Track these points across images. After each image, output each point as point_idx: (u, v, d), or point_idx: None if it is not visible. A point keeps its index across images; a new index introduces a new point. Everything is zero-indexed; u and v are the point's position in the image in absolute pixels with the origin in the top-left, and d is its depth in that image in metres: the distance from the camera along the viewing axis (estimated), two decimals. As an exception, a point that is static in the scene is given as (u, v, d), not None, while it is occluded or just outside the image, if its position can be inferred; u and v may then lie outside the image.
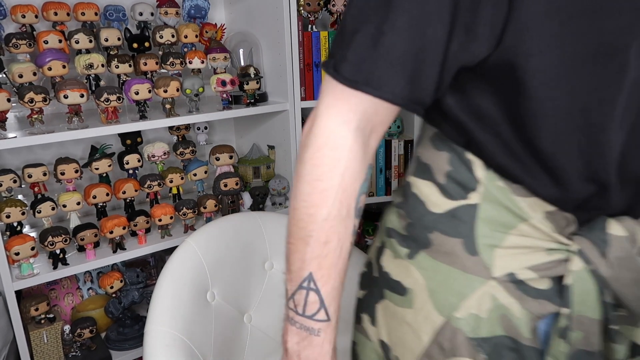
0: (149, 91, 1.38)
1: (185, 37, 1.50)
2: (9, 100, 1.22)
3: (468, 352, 0.58)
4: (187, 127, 1.63)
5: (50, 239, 1.31)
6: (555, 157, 0.54)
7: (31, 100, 1.23)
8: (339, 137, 0.55)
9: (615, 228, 0.55)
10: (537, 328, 0.58)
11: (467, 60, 0.53)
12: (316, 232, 0.56)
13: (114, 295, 1.51)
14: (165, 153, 1.53)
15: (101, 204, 1.46)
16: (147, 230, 1.49)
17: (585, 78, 0.51)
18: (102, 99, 1.30)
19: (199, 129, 1.68)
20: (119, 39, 1.40)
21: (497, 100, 0.55)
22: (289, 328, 0.60)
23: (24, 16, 1.32)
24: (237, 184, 1.58)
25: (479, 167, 0.58)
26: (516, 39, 0.50)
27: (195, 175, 1.59)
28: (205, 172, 1.61)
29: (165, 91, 1.39)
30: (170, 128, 1.62)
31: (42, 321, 1.39)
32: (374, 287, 0.65)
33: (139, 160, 1.50)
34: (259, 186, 1.66)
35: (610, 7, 0.48)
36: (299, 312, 0.58)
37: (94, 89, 1.38)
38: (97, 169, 1.43)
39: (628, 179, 0.54)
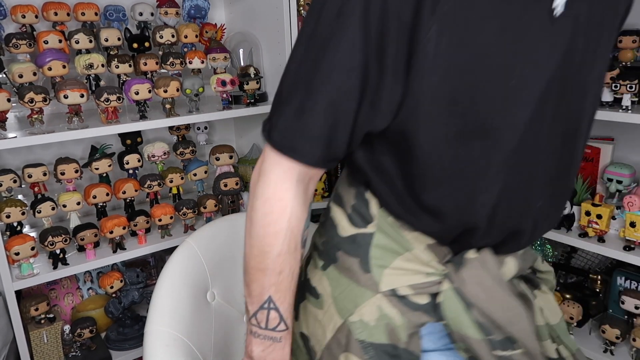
0: (149, 91, 1.38)
1: (185, 37, 1.50)
2: (9, 100, 1.22)
3: (357, 351, 0.71)
4: (187, 127, 1.63)
5: (50, 239, 1.31)
6: (437, 208, 0.67)
7: (31, 100, 1.23)
8: (283, 189, 0.66)
9: (470, 254, 0.70)
10: (419, 333, 0.72)
11: (372, 128, 0.65)
12: (271, 265, 0.68)
13: (114, 295, 1.51)
14: (165, 153, 1.53)
15: (101, 204, 1.46)
16: (147, 230, 1.49)
17: (465, 150, 0.63)
18: (102, 99, 1.30)
19: (199, 129, 1.68)
20: (119, 39, 1.40)
21: (394, 159, 0.68)
22: (253, 340, 0.72)
23: (24, 16, 1.32)
24: (237, 183, 1.59)
25: (374, 205, 0.72)
26: (409, 115, 0.62)
27: (195, 175, 1.59)
28: (205, 172, 1.61)
29: (165, 91, 1.39)
30: (170, 128, 1.62)
31: (42, 321, 1.39)
32: (300, 290, 0.78)
33: (139, 160, 1.50)
34: (259, 186, 1.66)
35: (484, 96, 0.60)
36: (262, 326, 0.71)
37: (94, 89, 1.38)
38: (97, 169, 1.43)
39: (495, 225, 0.68)
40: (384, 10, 0.57)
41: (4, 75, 1.32)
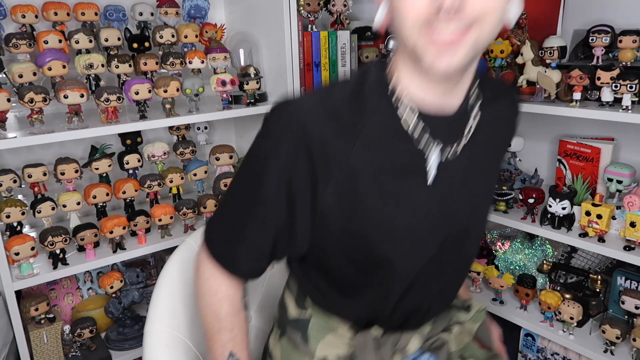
0: (149, 91, 1.38)
1: (185, 37, 1.50)
2: (9, 100, 1.22)
3: None
4: (187, 127, 1.63)
5: (50, 238, 1.31)
6: (353, 302, 0.89)
7: (31, 100, 1.23)
8: (218, 282, 0.88)
9: (374, 331, 0.91)
10: None
11: (294, 252, 0.87)
12: (224, 324, 0.88)
13: (114, 295, 1.51)
14: (165, 153, 1.53)
15: (101, 204, 1.46)
16: (147, 230, 1.49)
17: (368, 273, 0.85)
18: (102, 99, 1.30)
19: (199, 128, 1.68)
20: (119, 39, 1.40)
21: (318, 273, 0.89)
22: None
23: (24, 16, 1.32)
24: (237, 184, 1.58)
25: (309, 298, 0.94)
26: (320, 249, 0.84)
27: (195, 175, 1.59)
28: (205, 172, 1.61)
29: (165, 91, 1.39)
30: (170, 128, 1.62)
31: (42, 321, 1.39)
32: (266, 350, 1.02)
33: (139, 160, 1.50)
34: (259, 186, 1.66)
35: (375, 235, 0.79)
36: None
37: (94, 89, 1.38)
38: (97, 168, 1.43)
39: (398, 312, 0.88)
40: (290, 182, 0.76)
41: (4, 75, 1.32)
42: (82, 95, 1.27)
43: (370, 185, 0.76)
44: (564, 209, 1.38)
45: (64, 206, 1.36)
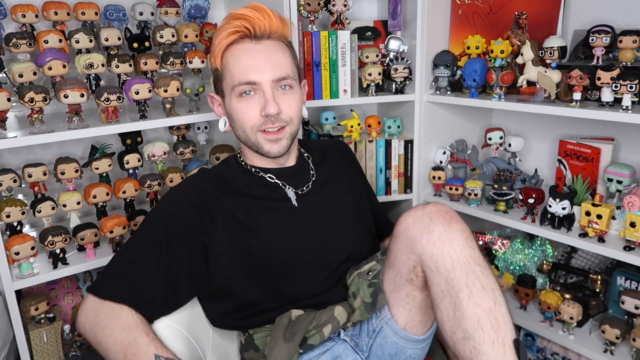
0: (149, 91, 1.38)
1: (186, 36, 1.50)
2: (9, 99, 1.22)
3: None
4: (187, 126, 1.63)
5: (50, 238, 1.31)
6: (259, 305, 1.13)
7: (31, 100, 1.23)
8: (116, 309, 1.02)
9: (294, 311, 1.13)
10: None
11: (199, 283, 1.11)
12: (136, 334, 0.98)
13: (114, 294, 1.51)
14: (165, 153, 1.53)
15: (101, 204, 1.46)
16: (147, 230, 1.49)
17: (265, 282, 1.14)
18: (102, 99, 1.30)
19: (199, 128, 1.68)
20: (119, 38, 1.40)
21: (228, 295, 1.13)
22: None
23: (24, 16, 1.32)
24: (237, 183, 1.58)
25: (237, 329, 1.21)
26: (223, 269, 1.10)
27: (195, 175, 1.59)
28: (205, 172, 1.61)
29: (166, 91, 1.39)
30: (171, 128, 1.62)
31: (42, 321, 1.39)
32: None
33: (139, 160, 1.50)
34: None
35: (256, 252, 1.12)
36: None
37: (94, 88, 1.38)
38: (97, 168, 1.43)
39: (300, 297, 1.14)
40: (181, 232, 1.08)
41: (4, 75, 1.32)
42: (82, 95, 1.27)
43: (247, 217, 1.12)
44: (564, 209, 1.38)
45: (64, 206, 1.36)
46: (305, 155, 1.26)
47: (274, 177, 1.17)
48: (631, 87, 1.21)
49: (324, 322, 1.12)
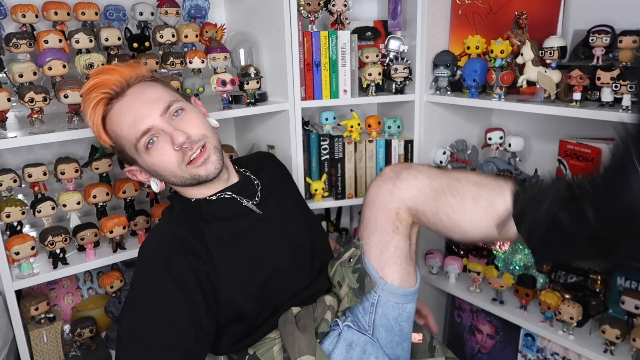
0: (149, 91, 1.37)
1: (186, 36, 1.50)
2: (9, 99, 1.22)
3: None
4: (187, 126, 1.63)
5: (50, 238, 1.31)
6: (258, 318, 1.15)
7: (31, 100, 1.23)
8: None
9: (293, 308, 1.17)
10: None
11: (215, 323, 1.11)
12: None
13: (114, 294, 1.51)
14: (165, 153, 1.53)
15: (101, 204, 1.46)
16: (147, 230, 1.49)
17: (265, 296, 1.16)
18: (102, 99, 1.30)
19: (199, 128, 1.68)
20: (119, 38, 1.40)
21: (232, 320, 1.14)
22: None
23: (24, 16, 1.32)
24: (237, 183, 1.58)
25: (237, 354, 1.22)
26: (227, 302, 1.11)
27: (195, 175, 1.59)
28: (206, 172, 1.61)
29: (166, 91, 1.39)
30: (171, 128, 1.62)
31: (42, 321, 1.39)
32: None
33: (139, 160, 1.50)
34: (259, 186, 1.66)
35: (249, 267, 1.14)
36: None
37: (94, 88, 1.37)
38: (97, 168, 1.43)
39: (294, 292, 1.21)
40: (184, 273, 1.05)
41: (4, 75, 1.32)
42: (82, 95, 1.27)
43: (232, 238, 1.14)
44: (564, 209, 1.38)
45: (64, 206, 1.36)
46: (242, 170, 1.30)
47: (231, 193, 1.20)
48: (631, 87, 1.21)
49: (321, 311, 1.18)
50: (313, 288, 1.23)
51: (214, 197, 1.19)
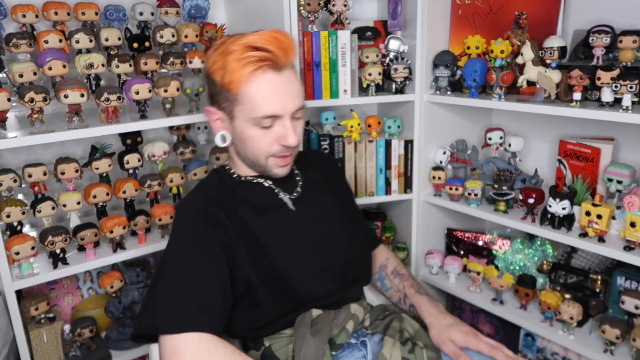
0: (149, 91, 1.38)
1: (186, 36, 1.50)
2: (9, 99, 1.22)
3: None
4: (188, 126, 1.63)
5: (50, 238, 1.31)
6: (275, 310, 1.13)
7: (31, 100, 1.23)
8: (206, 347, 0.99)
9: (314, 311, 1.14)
10: None
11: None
12: None
13: (114, 295, 1.51)
14: (165, 152, 1.53)
15: (101, 204, 1.46)
16: (147, 230, 1.49)
17: (272, 278, 1.12)
18: (102, 99, 1.30)
19: (199, 128, 1.68)
20: (119, 38, 1.40)
21: (246, 304, 1.12)
22: None
23: (24, 16, 1.32)
24: (237, 183, 1.58)
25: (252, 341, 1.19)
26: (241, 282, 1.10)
27: (195, 174, 1.59)
28: (206, 172, 1.61)
29: (166, 91, 1.39)
30: (171, 128, 1.62)
31: (42, 321, 1.39)
32: None
33: (139, 160, 1.50)
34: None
35: (273, 257, 1.12)
36: None
37: (94, 88, 1.38)
38: (97, 168, 1.43)
39: (316, 296, 1.16)
40: (211, 243, 1.07)
41: (4, 75, 1.32)
42: (82, 95, 1.27)
43: (255, 226, 1.12)
44: (564, 209, 1.38)
45: (64, 206, 1.36)
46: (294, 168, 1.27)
47: (270, 182, 1.19)
48: (631, 87, 1.21)
49: (343, 319, 1.14)
50: (341, 296, 1.19)
51: (254, 180, 1.19)
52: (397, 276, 1.36)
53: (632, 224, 1.26)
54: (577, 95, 1.32)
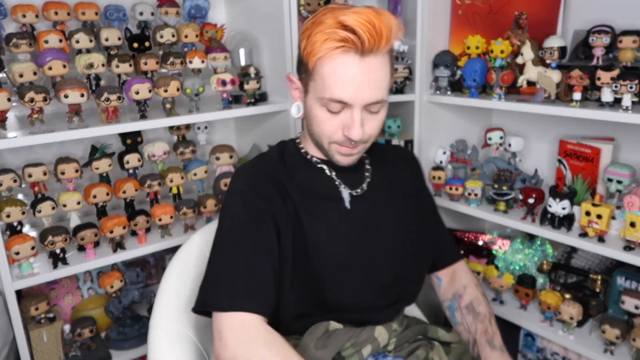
0: (149, 91, 1.38)
1: (186, 36, 1.50)
2: (9, 99, 1.22)
3: None
4: (188, 126, 1.63)
5: (50, 238, 1.31)
6: (297, 307, 1.06)
7: (31, 100, 1.23)
8: (257, 333, 0.93)
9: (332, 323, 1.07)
10: None
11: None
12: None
13: (114, 294, 1.51)
14: (165, 152, 1.53)
15: (101, 204, 1.46)
16: (147, 230, 1.49)
17: (305, 274, 1.04)
18: (102, 99, 1.30)
19: (199, 128, 1.68)
20: (119, 38, 1.40)
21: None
22: None
23: (24, 16, 1.32)
24: (237, 183, 1.58)
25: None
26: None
27: (195, 174, 1.59)
28: (206, 172, 1.61)
29: (166, 91, 1.39)
30: (171, 128, 1.62)
31: (42, 321, 1.39)
32: None
33: (139, 160, 1.50)
34: (259, 186, 1.66)
35: (313, 252, 1.04)
36: None
37: (94, 88, 1.38)
38: (97, 168, 1.43)
39: (342, 308, 1.08)
40: (263, 220, 1.01)
41: (4, 75, 1.32)
42: (82, 95, 1.27)
43: (304, 212, 1.05)
44: (564, 209, 1.38)
45: (64, 206, 1.36)
46: (363, 155, 1.13)
47: (333, 171, 1.10)
48: (631, 87, 1.21)
49: (362, 341, 1.05)
50: (373, 314, 1.08)
51: (318, 164, 1.10)
52: (471, 313, 1.17)
53: (632, 224, 1.26)
54: (577, 95, 1.32)
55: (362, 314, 1.07)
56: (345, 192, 1.09)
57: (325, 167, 1.10)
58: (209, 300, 0.96)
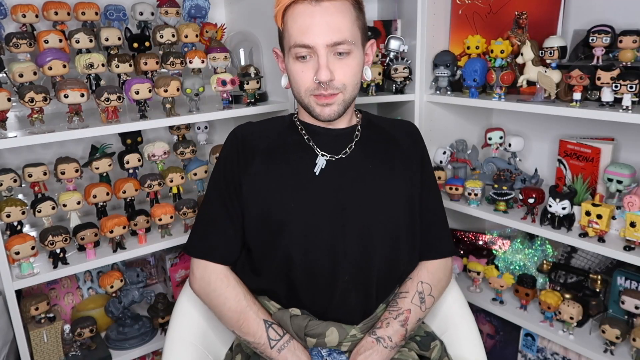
0: (149, 91, 1.38)
1: (186, 36, 1.50)
2: (9, 99, 1.22)
3: None
4: (188, 126, 1.63)
5: (50, 238, 1.31)
6: (266, 277, 1.13)
7: (31, 100, 1.23)
8: (216, 278, 1.13)
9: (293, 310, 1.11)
10: None
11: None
12: (245, 304, 1.09)
13: (114, 294, 1.51)
14: (165, 152, 1.53)
15: (101, 204, 1.46)
16: (147, 230, 1.49)
17: (270, 236, 1.10)
18: (102, 99, 1.30)
19: (199, 128, 1.68)
20: (119, 38, 1.40)
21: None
22: (280, 354, 1.06)
23: (24, 16, 1.32)
24: (237, 183, 1.58)
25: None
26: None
27: (195, 174, 1.59)
28: (206, 172, 1.61)
29: (166, 91, 1.39)
30: (171, 127, 1.62)
31: (42, 320, 1.39)
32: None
33: (139, 160, 1.50)
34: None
35: (277, 206, 1.09)
36: (278, 338, 1.07)
37: (94, 88, 1.38)
38: (97, 168, 1.43)
39: (309, 300, 1.11)
40: (233, 179, 1.11)
41: (4, 75, 1.32)
42: (82, 95, 1.27)
43: (273, 168, 1.10)
44: (564, 209, 1.38)
45: (64, 205, 1.36)
46: (357, 118, 1.17)
47: (311, 139, 1.12)
48: (631, 87, 1.21)
49: (311, 331, 1.07)
50: (341, 310, 1.08)
51: (302, 130, 1.14)
52: (395, 300, 1.13)
53: (632, 224, 1.26)
54: (577, 95, 1.32)
55: (322, 305, 1.08)
56: (321, 159, 1.10)
57: (305, 135, 1.13)
58: (189, 246, 1.17)
